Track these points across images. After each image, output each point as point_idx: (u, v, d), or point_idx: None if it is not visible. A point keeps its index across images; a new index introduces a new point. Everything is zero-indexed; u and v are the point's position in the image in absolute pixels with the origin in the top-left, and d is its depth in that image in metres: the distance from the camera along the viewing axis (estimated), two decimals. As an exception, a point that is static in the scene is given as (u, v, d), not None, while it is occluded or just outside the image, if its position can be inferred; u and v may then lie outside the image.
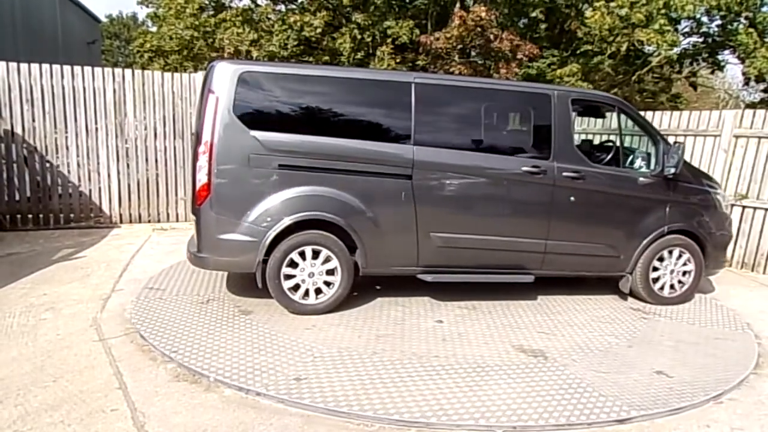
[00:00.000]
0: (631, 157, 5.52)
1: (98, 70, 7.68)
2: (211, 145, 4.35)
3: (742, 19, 14.52)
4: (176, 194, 8.29)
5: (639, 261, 5.21)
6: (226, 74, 4.40)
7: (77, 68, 7.51)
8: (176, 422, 3.02)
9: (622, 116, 5.36)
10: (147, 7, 18.22)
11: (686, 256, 5.32)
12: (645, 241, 5.16)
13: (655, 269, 5.29)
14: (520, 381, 3.63)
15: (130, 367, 3.63)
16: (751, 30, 14.12)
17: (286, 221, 4.42)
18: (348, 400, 3.26)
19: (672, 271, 5.33)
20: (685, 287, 5.39)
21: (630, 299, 5.44)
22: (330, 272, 4.62)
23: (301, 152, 4.47)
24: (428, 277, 4.83)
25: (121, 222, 7.98)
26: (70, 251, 6.43)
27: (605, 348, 4.25)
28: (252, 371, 3.58)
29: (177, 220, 8.30)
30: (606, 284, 5.62)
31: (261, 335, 4.16)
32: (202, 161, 4.39)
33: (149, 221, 8.15)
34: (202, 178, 4.41)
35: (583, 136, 8.99)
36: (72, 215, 7.74)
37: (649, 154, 5.38)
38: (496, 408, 3.27)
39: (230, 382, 3.42)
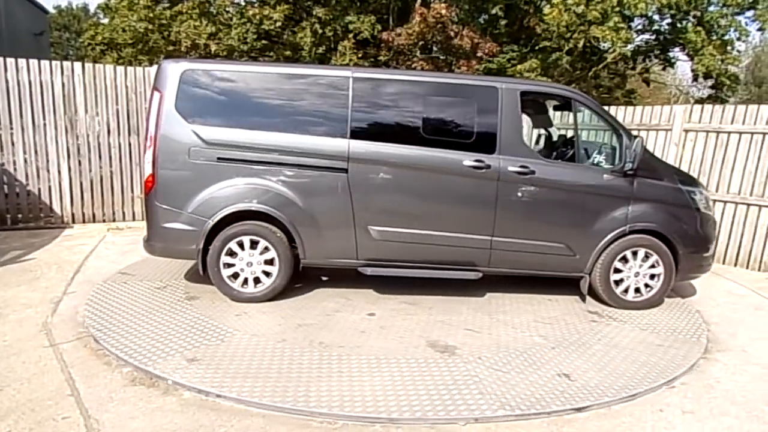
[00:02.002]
0: (593, 152, 5.38)
1: (45, 62, 7.34)
2: (155, 139, 4.62)
3: (691, 18, 15.09)
4: (132, 192, 8.03)
5: (598, 261, 4.95)
6: (169, 72, 4.66)
7: (21, 61, 7.15)
8: (133, 428, 2.92)
9: (580, 109, 5.21)
10: (98, -3, 17.55)
11: (654, 258, 4.98)
12: (603, 241, 4.89)
13: (618, 271, 5.01)
14: (408, 374, 3.58)
15: (83, 372, 3.49)
16: (699, 28, 14.71)
17: (223, 212, 4.62)
18: (221, 381, 3.37)
19: (637, 274, 5.02)
20: (653, 291, 5.06)
21: (593, 302, 5.17)
22: (269, 262, 4.77)
23: (238, 146, 4.64)
24: (368, 271, 4.85)
25: (73, 222, 7.68)
26: (18, 253, 6.14)
27: (525, 348, 4.08)
28: (155, 352, 3.73)
29: (134, 219, 8.04)
30: (574, 285, 5.25)
31: (190, 320, 4.33)
32: (148, 154, 4.67)
33: (104, 221, 7.87)
34: (147, 170, 4.69)
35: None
36: (20, 215, 7.39)
37: (614, 149, 5.13)
38: (360, 398, 3.25)
39: (188, 384, 3.33)
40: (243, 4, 16.33)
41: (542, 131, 6.41)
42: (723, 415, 3.36)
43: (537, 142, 6.70)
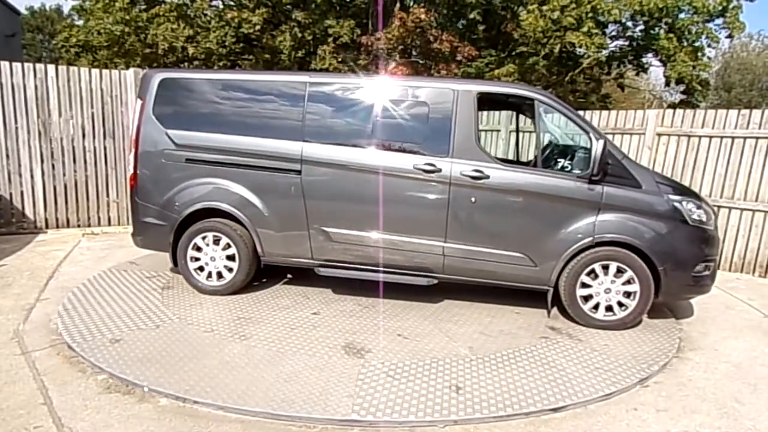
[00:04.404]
0: (563, 156, 5.10)
1: (17, 65, 7.19)
2: (136, 142, 5.07)
3: (663, 25, 15.45)
4: (108, 196, 7.91)
5: (563, 274, 4.62)
6: (149, 81, 5.09)
7: (-7, 63, 7.01)
8: (107, 436, 2.88)
9: (544, 110, 4.85)
10: (72, -1, 17.24)
11: (628, 273, 4.53)
12: (567, 252, 4.54)
13: (586, 286, 4.62)
14: (294, 370, 3.60)
15: (56, 380, 3.42)
16: (671, 35, 15.07)
17: (189, 209, 4.95)
18: (119, 362, 3.61)
19: (608, 290, 4.59)
20: (627, 311, 4.59)
21: (561, 318, 4.84)
22: (230, 258, 5.00)
23: (203, 148, 4.93)
24: (321, 271, 4.93)
25: (47, 227, 7.52)
26: (-11, 259, 6.00)
27: (440, 358, 3.92)
28: (92, 332, 4.07)
29: (109, 224, 7.91)
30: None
31: (147, 307, 4.65)
32: (132, 155, 5.13)
33: (79, 226, 7.72)
34: (131, 169, 5.15)
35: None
36: (-10, 221, 7.22)
37: (587, 153, 4.70)
38: (230, 390, 3.31)
39: (165, 391, 3.29)
40: (221, 7, 16.22)
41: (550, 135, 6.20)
42: (695, 412, 3.43)
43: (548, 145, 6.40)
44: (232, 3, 16.33)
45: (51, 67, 7.43)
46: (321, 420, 3.10)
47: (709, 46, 15.85)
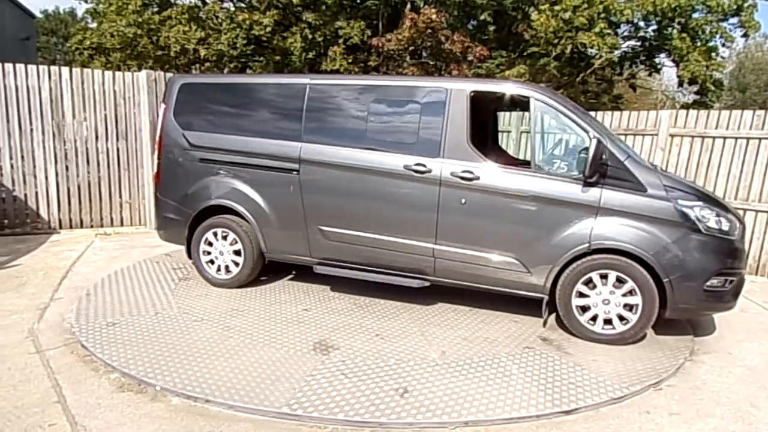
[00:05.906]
0: (564, 157, 4.78)
1: (32, 67, 7.29)
2: (160, 142, 5.44)
3: (676, 24, 15.29)
4: (120, 197, 7.99)
5: (558, 282, 4.37)
6: (172, 86, 5.46)
7: (8, 65, 7.10)
8: (120, 434, 2.91)
9: (541, 109, 4.51)
10: (86, 2, 17.44)
11: (629, 284, 4.20)
12: (561, 259, 4.29)
13: (583, 296, 4.34)
14: (259, 364, 3.65)
15: (69, 378, 3.46)
16: (684, 35, 14.91)
17: (202, 206, 5.23)
18: (115, 340, 3.93)
19: (606, 302, 4.28)
20: (629, 325, 4.25)
21: (558, 329, 4.57)
22: (237, 253, 5.23)
23: (213, 148, 5.19)
24: (318, 269, 5.02)
25: (60, 227, 7.61)
26: (4, 259, 6.07)
27: (404, 361, 3.82)
28: (94, 314, 4.41)
29: (122, 225, 8.00)
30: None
31: (156, 295, 4.95)
32: (156, 155, 5.51)
33: (92, 226, 7.81)
34: (154, 168, 5.55)
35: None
36: (6, 221, 7.31)
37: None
38: (184, 377, 3.43)
39: (178, 390, 3.32)
40: (233, 9, 16.32)
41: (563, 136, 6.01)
42: (709, 416, 3.39)
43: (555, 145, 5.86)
44: (243, 5, 16.43)
45: (65, 70, 7.53)
46: (332, 420, 3.10)
47: (723, 45, 15.70)
